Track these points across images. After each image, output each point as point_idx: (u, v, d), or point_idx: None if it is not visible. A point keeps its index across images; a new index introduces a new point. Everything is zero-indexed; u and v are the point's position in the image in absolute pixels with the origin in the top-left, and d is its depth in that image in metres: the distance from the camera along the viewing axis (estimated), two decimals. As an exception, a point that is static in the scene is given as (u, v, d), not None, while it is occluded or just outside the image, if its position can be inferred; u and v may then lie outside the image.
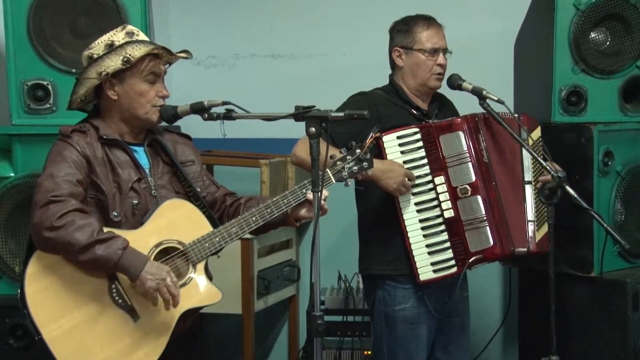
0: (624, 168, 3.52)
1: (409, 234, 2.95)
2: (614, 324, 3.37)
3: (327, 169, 2.50)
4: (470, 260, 2.90)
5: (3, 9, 3.27)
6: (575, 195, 2.66)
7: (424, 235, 2.95)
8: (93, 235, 2.31)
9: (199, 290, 2.48)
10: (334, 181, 2.56)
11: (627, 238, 2.98)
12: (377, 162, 2.83)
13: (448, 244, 2.94)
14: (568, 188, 2.63)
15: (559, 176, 2.61)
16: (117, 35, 2.51)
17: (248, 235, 3.66)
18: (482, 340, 3.87)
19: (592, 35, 3.47)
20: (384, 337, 3.05)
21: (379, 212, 3.04)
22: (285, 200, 2.54)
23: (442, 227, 2.95)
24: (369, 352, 3.87)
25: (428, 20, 3.09)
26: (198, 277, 2.49)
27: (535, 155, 2.89)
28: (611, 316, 3.38)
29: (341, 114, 2.36)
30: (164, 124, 2.61)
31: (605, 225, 2.69)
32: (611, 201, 3.48)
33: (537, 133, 3.15)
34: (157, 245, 2.46)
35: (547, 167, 2.80)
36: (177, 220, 2.48)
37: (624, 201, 3.54)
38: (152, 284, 2.35)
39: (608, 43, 3.50)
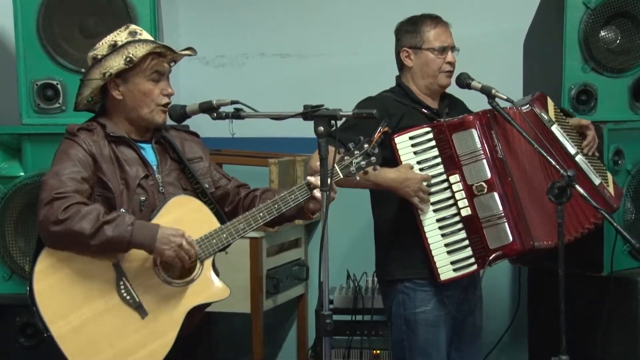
0: (635, 167, 3.50)
1: (427, 234, 2.93)
2: (624, 324, 3.35)
3: (335, 164, 2.49)
4: (490, 258, 2.88)
5: (13, 9, 3.29)
6: (585, 194, 2.64)
7: (442, 235, 2.93)
8: (99, 218, 2.32)
9: (207, 286, 2.49)
10: (341, 176, 2.55)
11: (637, 237, 2.96)
12: (391, 172, 2.85)
13: (467, 242, 2.91)
14: (578, 187, 2.61)
15: (568, 175, 2.59)
16: (120, 35, 2.51)
17: (257, 234, 3.70)
18: (492, 340, 3.85)
19: (602, 33, 3.46)
20: (405, 340, 3.03)
21: (397, 217, 3.01)
22: (292, 196, 2.54)
23: (460, 226, 2.92)
24: (378, 352, 3.87)
25: (435, 19, 3.08)
26: (206, 274, 2.49)
27: (539, 148, 2.85)
28: (621, 316, 3.36)
29: (350, 113, 2.36)
30: (171, 122, 2.62)
31: (615, 224, 2.68)
32: (621, 200, 3.47)
33: (551, 107, 3.10)
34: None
35: (556, 166, 2.79)
36: (184, 217, 2.49)
37: (634, 200, 3.52)
38: (170, 253, 2.37)
39: (618, 41, 3.48)
